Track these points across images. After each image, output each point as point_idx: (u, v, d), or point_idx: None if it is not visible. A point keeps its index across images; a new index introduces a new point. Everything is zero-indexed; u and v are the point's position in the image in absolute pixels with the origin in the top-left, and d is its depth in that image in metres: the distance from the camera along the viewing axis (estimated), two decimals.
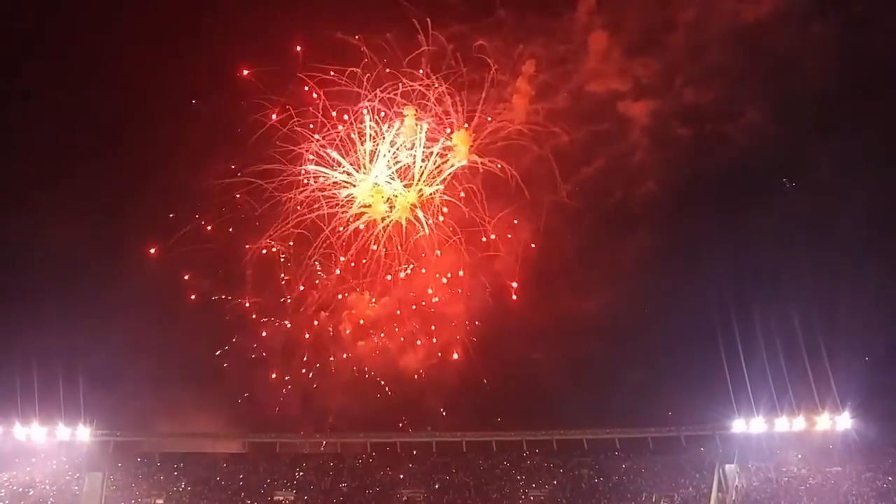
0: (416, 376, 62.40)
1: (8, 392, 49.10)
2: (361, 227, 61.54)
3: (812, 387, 51.61)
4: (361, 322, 63.07)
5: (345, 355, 62.73)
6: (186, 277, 59.95)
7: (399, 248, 61.74)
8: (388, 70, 59.08)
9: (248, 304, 61.22)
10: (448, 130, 60.80)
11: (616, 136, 61.47)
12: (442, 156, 61.05)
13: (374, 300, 62.88)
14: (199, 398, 58.69)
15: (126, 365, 53.99)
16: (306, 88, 59.31)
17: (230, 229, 60.45)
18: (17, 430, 49.98)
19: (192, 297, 60.34)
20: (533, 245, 61.46)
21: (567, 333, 59.58)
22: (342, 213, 61.20)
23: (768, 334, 51.65)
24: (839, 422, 52.75)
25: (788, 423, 53.01)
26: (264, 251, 60.88)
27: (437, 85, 59.55)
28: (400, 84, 59.51)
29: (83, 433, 50.87)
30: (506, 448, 57.14)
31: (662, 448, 56.37)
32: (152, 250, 59.15)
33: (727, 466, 52.04)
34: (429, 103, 60.16)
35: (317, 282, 62.16)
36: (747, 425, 52.95)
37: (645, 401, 55.80)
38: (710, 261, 57.40)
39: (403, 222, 61.87)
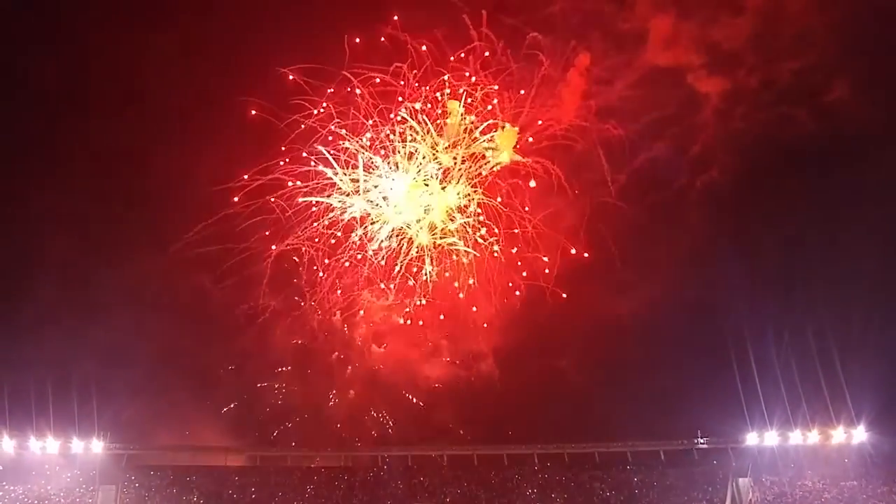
0: (434, 387, 62.25)
1: (22, 405, 49.42)
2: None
3: (827, 400, 51.13)
4: (380, 323, 62.94)
5: (359, 364, 62.78)
6: (206, 284, 59.35)
7: (433, 248, 61.05)
8: (435, 68, 58.25)
9: (265, 310, 60.60)
10: (493, 130, 59.74)
11: (673, 125, 59.00)
12: (484, 157, 60.21)
13: (400, 307, 62.17)
14: (211, 411, 59.18)
15: (140, 378, 54.51)
16: (349, 89, 58.38)
17: (259, 231, 59.53)
18: (31, 443, 50.39)
19: (215, 307, 59.74)
20: (570, 247, 59.89)
21: (588, 343, 59.44)
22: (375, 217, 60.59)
23: (782, 345, 51.32)
24: (854, 435, 52.37)
25: (803, 437, 52.65)
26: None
27: (482, 83, 58.66)
28: (447, 83, 58.61)
29: (97, 446, 51.20)
30: (517, 461, 56.66)
31: (675, 461, 55.83)
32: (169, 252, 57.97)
33: (741, 480, 51.63)
34: (474, 102, 59.18)
35: (338, 282, 61.51)
36: (761, 439, 52.63)
37: (657, 413, 55.59)
38: (727, 269, 56.55)
39: (439, 224, 61.12)
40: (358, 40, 56.99)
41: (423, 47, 57.71)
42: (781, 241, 57.42)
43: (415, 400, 62.70)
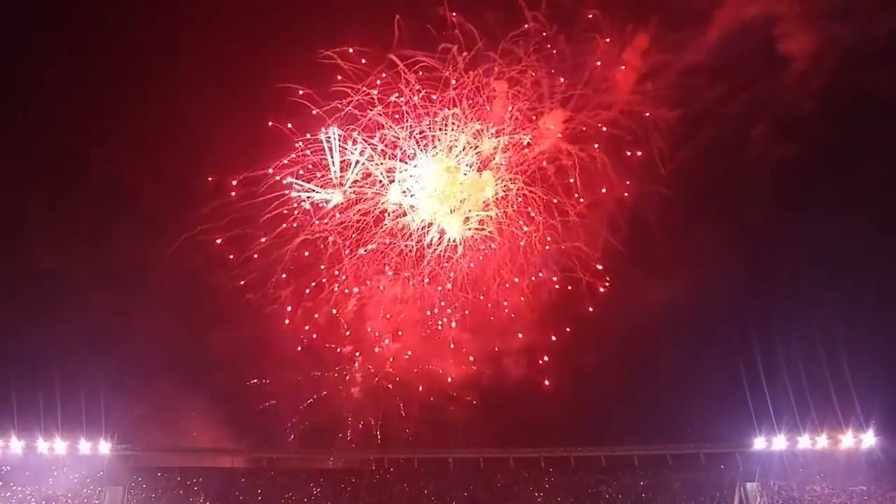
0: (448, 386, 61.56)
1: (30, 406, 49.73)
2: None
3: (836, 404, 50.75)
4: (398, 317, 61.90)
5: (371, 360, 62.29)
6: (217, 279, 58.77)
7: (465, 239, 59.85)
8: (485, 52, 56.53)
9: (276, 301, 59.85)
10: (540, 112, 58.25)
11: (731, 104, 55.93)
12: (529, 146, 58.77)
13: (424, 299, 60.85)
14: (217, 412, 59.16)
15: (147, 380, 54.76)
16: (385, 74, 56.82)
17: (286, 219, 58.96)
18: (39, 444, 50.67)
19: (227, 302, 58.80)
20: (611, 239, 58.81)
21: (600, 347, 58.61)
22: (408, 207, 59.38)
23: (790, 349, 50.93)
24: (864, 440, 51.98)
25: (811, 441, 52.30)
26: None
27: (531, 67, 57.18)
28: (495, 67, 56.87)
29: (104, 447, 51.42)
30: (523, 465, 56.46)
31: (682, 466, 55.40)
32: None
33: (748, 485, 51.41)
34: (522, 87, 57.65)
35: (359, 273, 60.40)
36: (769, 443, 52.29)
37: (664, 417, 55.37)
38: (742, 272, 56.42)
39: (474, 215, 59.87)
40: (406, 23, 55.24)
41: (474, 30, 55.95)
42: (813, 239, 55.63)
43: (421, 401, 62.34)
